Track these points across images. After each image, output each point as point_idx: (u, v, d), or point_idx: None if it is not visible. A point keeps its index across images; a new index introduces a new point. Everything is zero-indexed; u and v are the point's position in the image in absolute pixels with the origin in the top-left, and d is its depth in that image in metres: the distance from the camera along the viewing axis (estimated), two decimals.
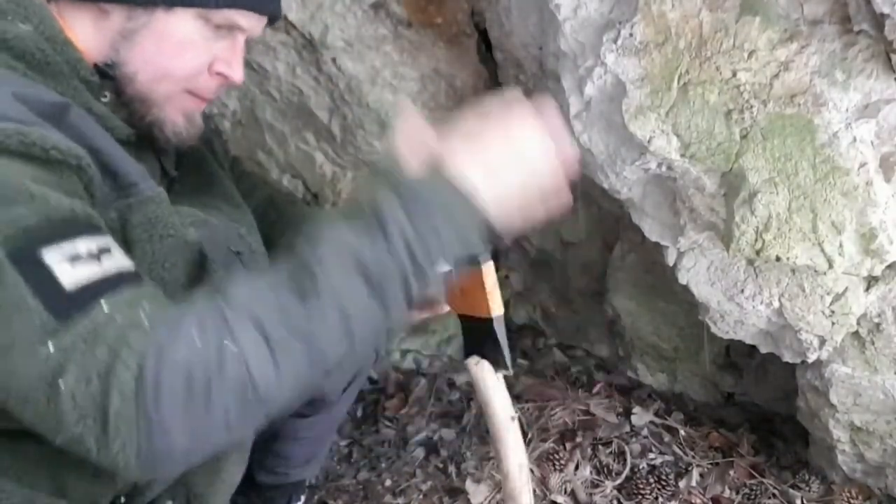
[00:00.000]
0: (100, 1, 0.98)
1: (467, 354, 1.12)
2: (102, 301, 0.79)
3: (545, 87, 1.75)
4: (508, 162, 0.92)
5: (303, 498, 1.80)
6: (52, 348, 0.76)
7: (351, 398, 1.62)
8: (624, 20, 1.44)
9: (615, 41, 1.44)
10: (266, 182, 1.52)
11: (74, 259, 0.80)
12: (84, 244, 0.81)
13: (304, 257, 0.84)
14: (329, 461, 2.02)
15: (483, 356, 1.09)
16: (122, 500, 1.06)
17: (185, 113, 1.09)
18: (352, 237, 0.83)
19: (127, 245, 0.93)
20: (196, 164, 1.23)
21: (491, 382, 1.09)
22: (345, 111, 1.90)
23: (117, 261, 0.84)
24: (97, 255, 0.82)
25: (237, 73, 1.08)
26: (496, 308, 1.07)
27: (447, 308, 1.18)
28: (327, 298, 0.81)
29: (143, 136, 1.07)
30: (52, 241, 0.79)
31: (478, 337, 1.10)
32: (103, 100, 1.00)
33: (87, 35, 1.00)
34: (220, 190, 1.25)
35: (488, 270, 1.08)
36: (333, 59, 1.82)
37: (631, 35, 1.43)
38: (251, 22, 1.06)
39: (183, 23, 1.00)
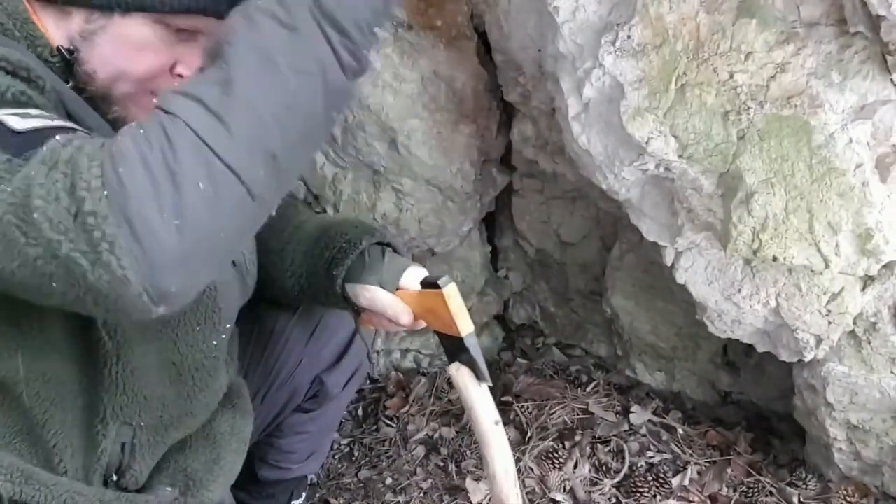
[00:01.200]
0: (60, 3, 0.99)
1: (450, 362, 1.15)
2: (56, 137, 0.81)
3: (544, 89, 1.76)
4: None
5: (304, 495, 1.81)
6: (14, 182, 0.78)
7: (351, 393, 1.63)
8: (622, 22, 1.45)
9: (613, 43, 1.46)
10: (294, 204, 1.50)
11: (24, 116, 0.84)
12: (36, 112, 0.86)
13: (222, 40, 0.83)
14: (330, 459, 2.03)
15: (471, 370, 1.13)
16: (114, 477, 1.07)
17: (148, 113, 1.07)
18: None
19: None
20: None
21: (473, 388, 1.11)
22: (346, 113, 1.91)
23: (66, 122, 0.88)
24: (47, 117, 0.86)
25: None
26: (464, 328, 1.11)
27: (423, 324, 1.22)
28: (242, 45, 0.80)
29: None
30: (4, 105, 0.84)
31: (455, 351, 1.14)
32: (68, 84, 1.00)
33: (50, 28, 1.01)
34: None
35: (450, 293, 1.12)
36: None
37: (629, 37, 1.44)
38: (213, 25, 1.01)
39: (140, 27, 1.00)
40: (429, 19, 1.85)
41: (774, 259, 1.44)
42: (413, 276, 1.24)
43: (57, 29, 1.00)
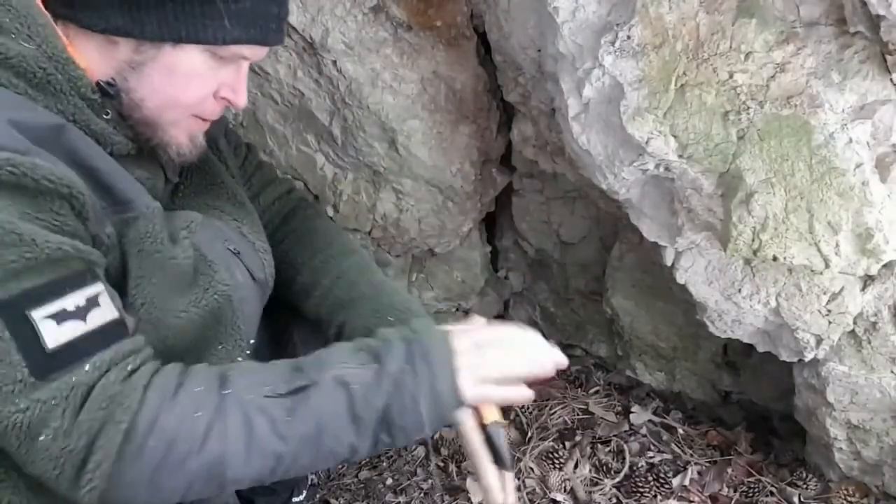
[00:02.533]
0: (108, 33, 1.00)
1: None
2: (87, 361, 0.86)
3: (544, 89, 1.76)
4: (498, 342, 1.09)
5: (304, 493, 1.81)
6: (28, 402, 0.83)
7: None
8: (622, 22, 1.45)
9: (613, 43, 1.46)
10: (281, 179, 1.55)
11: (61, 317, 0.86)
12: (72, 299, 0.87)
13: (306, 368, 0.99)
14: None
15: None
16: None
17: (189, 135, 1.12)
18: (353, 366, 0.99)
19: (122, 257, 0.98)
20: (199, 167, 1.25)
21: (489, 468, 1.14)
22: (345, 113, 1.91)
23: (103, 313, 0.90)
24: (84, 310, 0.88)
25: (241, 99, 1.11)
26: (488, 416, 1.15)
27: None
28: (311, 417, 0.95)
29: (146, 152, 1.11)
30: (37, 302, 0.84)
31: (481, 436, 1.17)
32: (105, 117, 1.02)
33: (92, 57, 1.01)
34: (223, 190, 1.27)
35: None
36: (334, 62, 1.83)
37: (629, 37, 1.44)
38: (255, 52, 1.09)
39: (190, 57, 1.03)
40: (428, 19, 1.85)
41: (774, 259, 1.44)
42: None
43: (101, 59, 1.02)
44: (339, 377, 0.97)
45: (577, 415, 2.02)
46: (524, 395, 1.14)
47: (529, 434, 1.94)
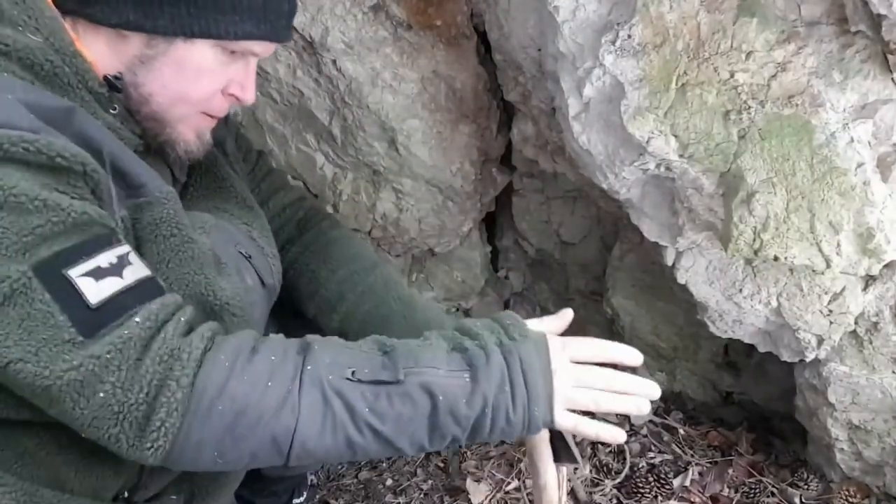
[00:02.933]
0: (119, 27, 0.99)
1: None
2: (136, 314, 0.85)
3: (544, 89, 1.76)
4: (596, 373, 1.08)
5: (305, 494, 1.81)
6: (81, 358, 0.81)
7: None
8: (622, 22, 1.45)
9: (614, 43, 1.45)
10: (292, 187, 1.54)
11: (97, 273, 0.85)
12: (104, 257, 0.86)
13: (395, 360, 0.95)
14: None
15: (553, 450, 1.19)
16: (125, 494, 1.07)
17: (197, 131, 1.12)
18: (443, 373, 0.96)
19: (137, 242, 0.97)
20: (208, 169, 1.25)
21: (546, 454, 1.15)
22: (345, 113, 1.91)
23: (137, 269, 0.89)
24: (119, 267, 0.87)
25: (250, 95, 1.11)
26: None
27: None
28: (391, 417, 0.93)
29: (154, 149, 1.10)
30: (72, 261, 0.83)
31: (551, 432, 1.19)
32: (112, 111, 1.01)
33: (100, 51, 1.01)
34: (233, 193, 1.27)
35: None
36: (334, 61, 1.83)
37: (629, 36, 1.44)
38: (264, 48, 1.09)
39: (201, 52, 1.03)
40: (428, 19, 1.85)
41: (775, 259, 1.43)
42: None
43: (110, 53, 1.01)
44: (426, 384, 0.94)
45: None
46: (616, 436, 1.09)
47: None
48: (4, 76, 0.90)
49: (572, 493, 1.78)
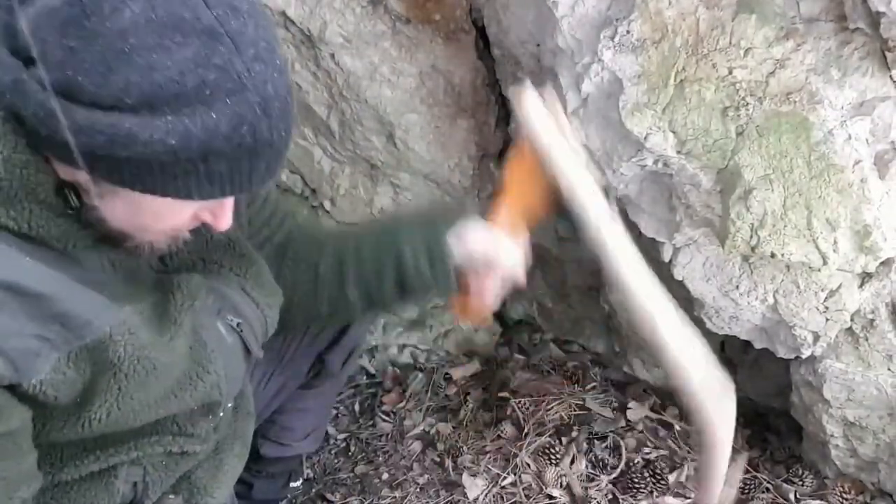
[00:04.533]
0: (63, 163, 0.83)
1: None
2: None
3: (543, 84, 1.76)
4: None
5: (300, 480, 1.83)
6: None
7: (350, 370, 1.66)
8: (621, 17, 1.45)
9: (612, 38, 1.45)
10: (292, 213, 1.41)
11: None
12: None
13: None
14: (326, 454, 2.03)
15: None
16: None
17: (170, 238, 0.97)
18: None
19: (92, 377, 0.90)
20: None
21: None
22: (343, 107, 1.90)
23: None
24: None
25: (222, 224, 0.95)
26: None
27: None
28: None
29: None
30: None
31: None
32: (70, 211, 0.87)
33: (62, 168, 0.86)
34: (219, 242, 1.15)
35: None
36: (332, 55, 1.83)
37: (628, 32, 1.44)
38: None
39: (158, 200, 0.85)
40: (427, 13, 1.85)
41: (772, 255, 1.44)
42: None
43: (62, 172, 0.86)
44: None
45: (574, 410, 2.02)
46: None
47: (526, 430, 1.94)
48: None
49: (568, 488, 1.78)
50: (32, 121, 0.77)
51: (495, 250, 1.29)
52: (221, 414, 1.12)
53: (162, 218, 0.90)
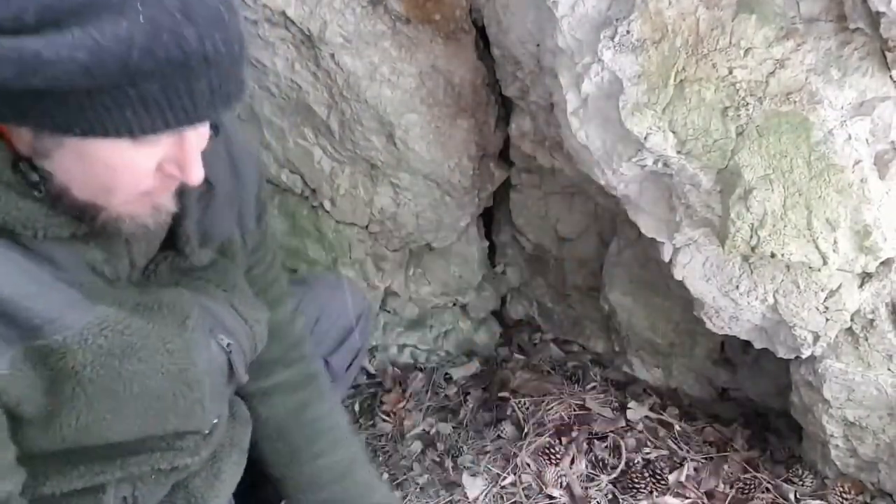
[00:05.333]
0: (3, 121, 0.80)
1: None
2: None
3: (542, 84, 1.76)
4: None
5: None
6: None
7: (352, 376, 1.65)
8: (621, 17, 1.45)
9: (612, 38, 1.45)
10: (290, 292, 1.35)
11: None
12: None
13: None
14: None
15: None
16: None
17: (152, 206, 0.89)
18: None
19: (54, 385, 0.88)
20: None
21: None
22: (343, 107, 1.90)
23: None
24: None
25: (192, 175, 0.85)
26: None
27: None
28: None
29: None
30: None
31: None
32: (37, 194, 0.83)
33: (14, 137, 0.82)
34: (204, 257, 1.08)
35: None
36: (332, 55, 1.83)
37: (628, 32, 1.44)
38: (190, 130, 0.83)
39: (100, 145, 0.78)
40: (427, 13, 1.85)
41: (772, 255, 1.44)
42: None
43: (13, 139, 0.82)
44: None
45: (574, 410, 2.02)
46: None
47: (526, 430, 1.94)
48: None
49: (567, 488, 1.78)
50: None
51: None
52: (207, 431, 1.09)
53: (118, 172, 0.81)
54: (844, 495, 1.69)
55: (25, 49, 0.69)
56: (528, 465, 1.85)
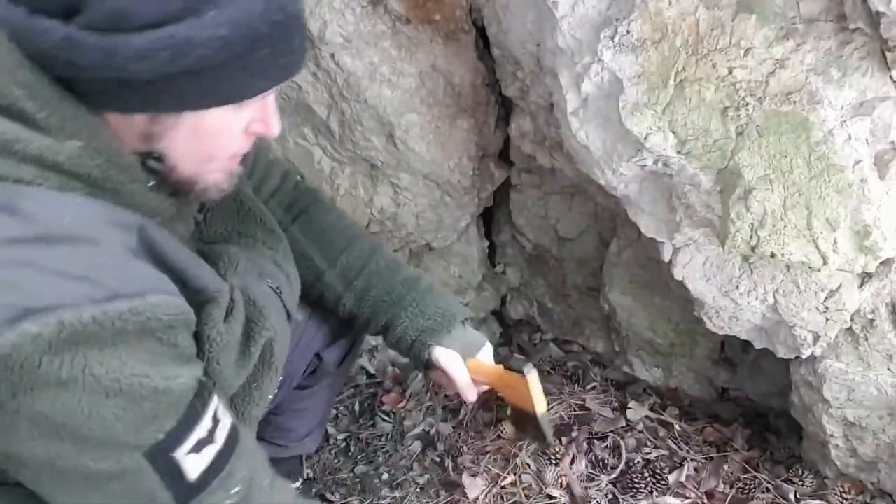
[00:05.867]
0: (121, 111, 0.90)
1: (517, 430, 1.42)
2: (225, 478, 0.93)
3: (542, 84, 1.76)
4: None
5: (300, 480, 1.82)
6: None
7: (347, 371, 1.69)
8: (621, 17, 1.45)
9: (612, 38, 1.45)
10: (272, 164, 1.49)
11: (198, 446, 0.90)
12: (203, 426, 0.91)
13: None
14: (326, 454, 2.03)
15: (526, 435, 1.37)
16: None
17: (228, 174, 1.05)
18: None
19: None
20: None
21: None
22: (343, 107, 1.90)
23: (224, 424, 0.95)
24: (213, 431, 0.92)
25: (273, 129, 1.02)
26: (539, 406, 1.34)
27: (474, 397, 1.43)
28: None
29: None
30: (181, 440, 0.88)
31: (525, 423, 1.37)
32: (150, 185, 0.95)
33: (123, 133, 0.92)
34: (251, 216, 1.25)
35: (533, 379, 1.33)
36: (332, 55, 1.83)
37: (628, 32, 1.44)
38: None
39: (213, 115, 0.92)
40: (427, 13, 1.85)
41: (772, 255, 1.44)
42: (488, 352, 1.45)
43: (123, 131, 0.92)
44: None
45: (574, 410, 2.02)
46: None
47: None
48: (78, 203, 0.85)
49: (568, 488, 1.78)
50: (90, 74, 0.82)
51: (458, 378, 1.41)
52: (270, 397, 1.18)
53: (220, 138, 0.96)
54: (844, 495, 1.69)
55: (177, 36, 0.81)
56: (528, 465, 1.85)
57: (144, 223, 0.91)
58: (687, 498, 1.74)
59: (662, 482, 1.76)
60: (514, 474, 1.83)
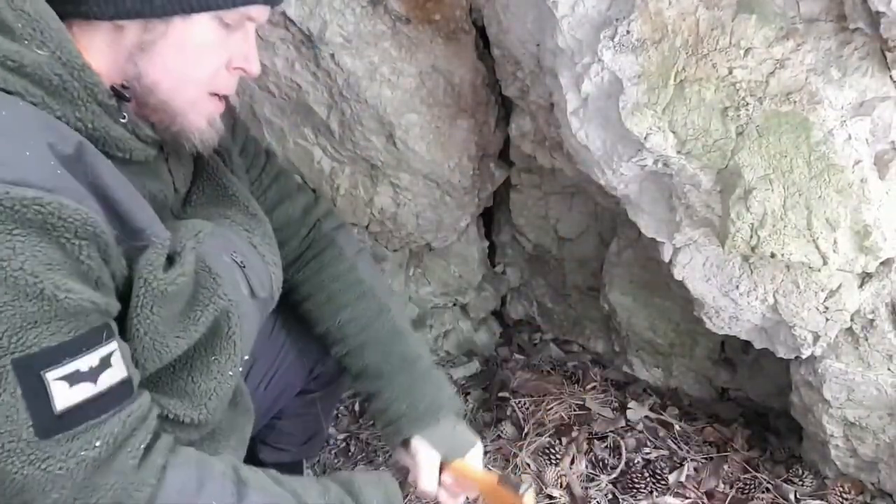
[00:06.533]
0: (115, 18, 0.97)
1: None
2: (95, 432, 0.87)
3: (542, 84, 1.76)
4: None
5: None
6: (32, 463, 0.84)
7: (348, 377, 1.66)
8: (621, 17, 1.45)
9: (612, 38, 1.45)
10: (300, 190, 1.49)
11: (73, 378, 0.85)
12: (87, 360, 0.86)
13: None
14: (326, 454, 2.02)
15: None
16: None
17: (208, 118, 1.09)
18: None
19: (127, 285, 0.96)
20: (210, 177, 1.24)
21: None
22: (343, 107, 1.90)
23: (113, 373, 0.90)
24: (97, 371, 0.87)
25: (255, 65, 1.09)
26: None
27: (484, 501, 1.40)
28: None
29: (168, 147, 1.11)
30: (56, 363, 0.84)
31: None
32: (122, 120, 0.99)
33: (103, 54, 0.99)
34: (235, 201, 1.25)
35: (528, 499, 1.24)
36: (332, 55, 1.83)
37: (628, 32, 1.44)
38: (261, 12, 1.07)
39: (199, 27, 1.00)
40: (427, 13, 1.85)
41: (772, 255, 1.44)
42: (478, 455, 1.37)
43: (111, 49, 0.99)
44: None
45: (574, 410, 2.02)
46: None
47: (526, 429, 1.94)
48: (21, 105, 0.87)
49: (567, 488, 1.78)
50: None
51: (422, 477, 1.38)
52: (230, 373, 1.14)
53: (204, 57, 1.02)
54: (844, 495, 1.69)
55: None
56: (528, 465, 1.85)
57: (86, 144, 0.92)
58: (687, 498, 1.74)
59: (662, 482, 1.76)
60: (515, 474, 1.83)
